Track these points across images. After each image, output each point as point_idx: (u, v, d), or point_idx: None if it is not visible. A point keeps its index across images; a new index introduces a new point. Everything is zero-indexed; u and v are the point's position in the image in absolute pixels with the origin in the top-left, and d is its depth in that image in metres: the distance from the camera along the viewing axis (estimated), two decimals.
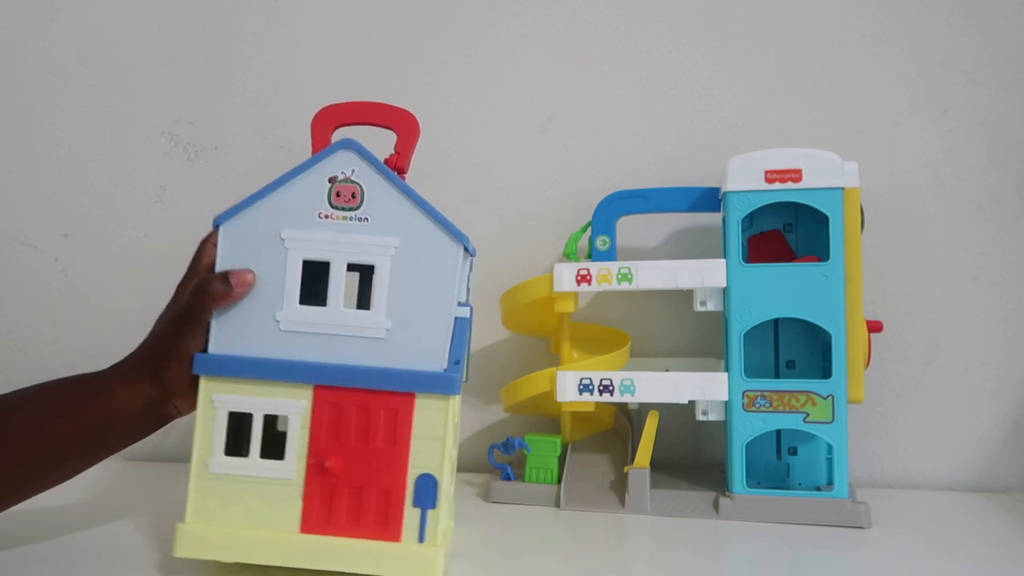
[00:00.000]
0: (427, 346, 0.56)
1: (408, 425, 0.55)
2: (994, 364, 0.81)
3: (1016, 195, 0.80)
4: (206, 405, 0.57)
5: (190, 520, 0.56)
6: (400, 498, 0.55)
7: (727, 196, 0.70)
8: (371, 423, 0.55)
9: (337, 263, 0.57)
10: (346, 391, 0.56)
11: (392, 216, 0.57)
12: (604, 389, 0.73)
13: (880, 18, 0.83)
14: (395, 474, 0.55)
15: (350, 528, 0.55)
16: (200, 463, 0.57)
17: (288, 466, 0.56)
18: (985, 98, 0.81)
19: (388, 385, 0.55)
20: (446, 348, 0.56)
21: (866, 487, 0.79)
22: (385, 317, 0.56)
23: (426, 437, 0.55)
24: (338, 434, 0.56)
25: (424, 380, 0.55)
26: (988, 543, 0.64)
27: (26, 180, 1.04)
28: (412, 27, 0.94)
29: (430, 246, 0.56)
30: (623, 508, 0.72)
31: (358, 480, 0.55)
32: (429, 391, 0.55)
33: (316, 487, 0.56)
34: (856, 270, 0.69)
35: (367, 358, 0.56)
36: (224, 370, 0.57)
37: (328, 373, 0.56)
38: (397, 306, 0.56)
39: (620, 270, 0.73)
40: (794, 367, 0.75)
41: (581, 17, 0.90)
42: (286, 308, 0.57)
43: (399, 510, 0.55)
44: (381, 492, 0.55)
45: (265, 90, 0.97)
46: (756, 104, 0.85)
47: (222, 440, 0.56)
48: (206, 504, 0.56)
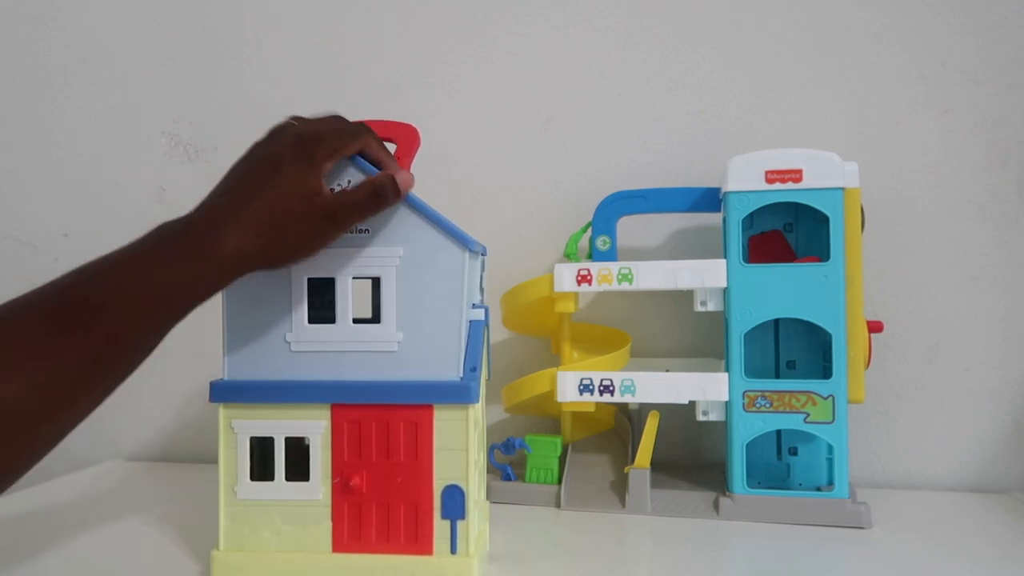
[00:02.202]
0: (441, 356, 0.55)
1: (429, 437, 0.55)
2: (994, 364, 0.81)
3: (1016, 195, 0.80)
4: (227, 432, 0.57)
5: (224, 548, 0.57)
6: (428, 511, 0.55)
7: (727, 196, 0.70)
8: (391, 438, 0.55)
9: (342, 279, 0.56)
10: (363, 408, 0.55)
11: (393, 226, 0.56)
12: (604, 389, 0.73)
13: (880, 18, 0.83)
14: (421, 487, 0.55)
15: (381, 544, 0.55)
16: (228, 490, 0.57)
17: (314, 487, 0.56)
18: (985, 98, 0.81)
19: (405, 399, 0.55)
20: (460, 356, 0.55)
21: (866, 487, 0.79)
22: (396, 329, 0.56)
23: (448, 448, 0.54)
24: (360, 451, 0.55)
25: (440, 390, 0.55)
26: (988, 543, 0.64)
27: (26, 180, 1.04)
28: (412, 27, 0.93)
29: (434, 253, 0.55)
30: (623, 508, 0.72)
31: (384, 496, 0.55)
32: (446, 401, 0.55)
33: (344, 506, 0.56)
34: (856, 270, 0.69)
35: (381, 373, 0.56)
36: (241, 396, 0.57)
37: (343, 391, 0.56)
38: (407, 317, 0.56)
39: (620, 270, 0.73)
40: (794, 367, 0.75)
41: (581, 17, 0.90)
42: (295, 329, 0.57)
43: (428, 523, 0.55)
44: (409, 506, 0.55)
45: (265, 90, 0.97)
46: (756, 104, 0.85)
47: (246, 466, 0.56)
48: (238, 531, 0.57)
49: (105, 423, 1.01)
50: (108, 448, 1.01)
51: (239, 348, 0.57)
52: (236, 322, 0.57)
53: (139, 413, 1.00)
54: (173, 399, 0.99)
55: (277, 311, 0.57)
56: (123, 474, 0.91)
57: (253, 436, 0.56)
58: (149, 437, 1.00)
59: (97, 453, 1.00)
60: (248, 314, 0.57)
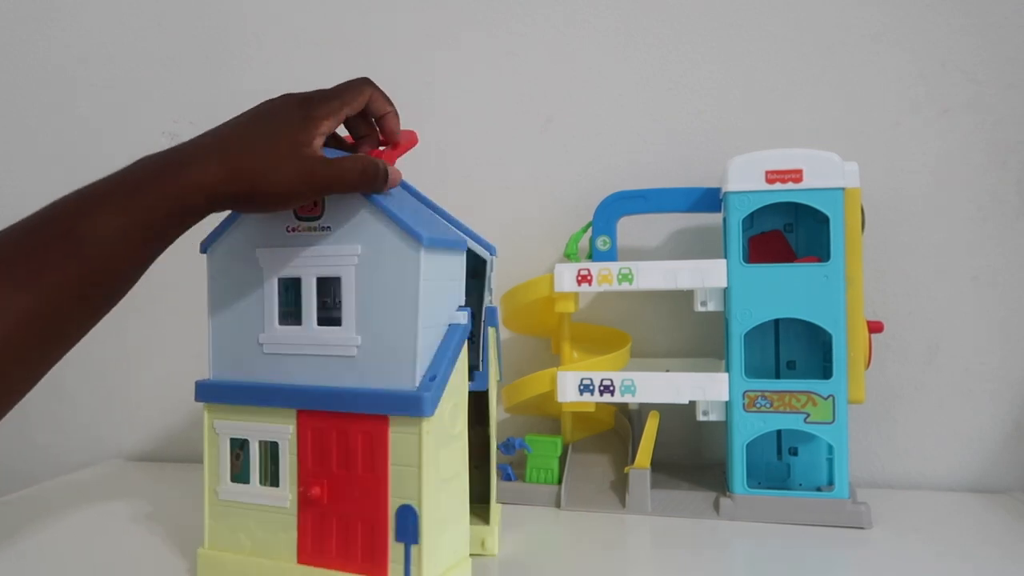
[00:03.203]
0: (397, 363, 0.50)
1: (385, 451, 0.50)
2: (994, 364, 0.81)
3: (1016, 195, 0.80)
4: (210, 432, 0.56)
5: (208, 547, 0.57)
6: (384, 531, 0.50)
7: (728, 196, 0.70)
8: (350, 449, 0.51)
9: (307, 278, 0.53)
10: (325, 415, 0.52)
11: (354, 222, 0.52)
12: (605, 389, 0.73)
13: (880, 18, 0.83)
14: (377, 505, 0.50)
15: (340, 561, 0.51)
16: (211, 490, 0.57)
17: (283, 494, 0.53)
18: (985, 98, 0.81)
19: (361, 407, 0.51)
20: (415, 364, 0.50)
21: (866, 487, 0.79)
22: (355, 333, 0.52)
23: (402, 464, 0.50)
24: (322, 461, 0.52)
25: (395, 401, 0.50)
26: (988, 544, 0.64)
27: (26, 180, 1.04)
28: (412, 27, 0.93)
29: (391, 252, 0.51)
30: (623, 508, 0.72)
31: (344, 509, 0.51)
32: (400, 413, 0.50)
33: (308, 516, 0.53)
34: (856, 270, 0.69)
35: (342, 378, 0.52)
36: (220, 397, 0.56)
37: (307, 396, 0.52)
38: (365, 320, 0.51)
39: (621, 270, 0.73)
40: (794, 367, 0.75)
41: (581, 17, 0.90)
42: (267, 330, 0.55)
43: (384, 544, 0.50)
44: (366, 524, 0.51)
45: (265, 90, 0.97)
46: (756, 104, 0.85)
47: (227, 467, 0.56)
48: (219, 530, 0.56)
49: (103, 423, 1.02)
50: (107, 448, 1.01)
51: (222, 348, 0.56)
52: (219, 321, 0.57)
53: (137, 413, 1.01)
54: (172, 399, 0.99)
55: (254, 311, 0.55)
56: (121, 474, 0.91)
57: (233, 437, 0.56)
58: (147, 437, 1.00)
59: (96, 453, 1.00)
60: (230, 313, 0.56)
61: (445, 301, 0.53)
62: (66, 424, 1.03)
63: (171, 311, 0.96)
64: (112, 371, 1.00)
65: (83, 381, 1.01)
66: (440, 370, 0.51)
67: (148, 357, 1.00)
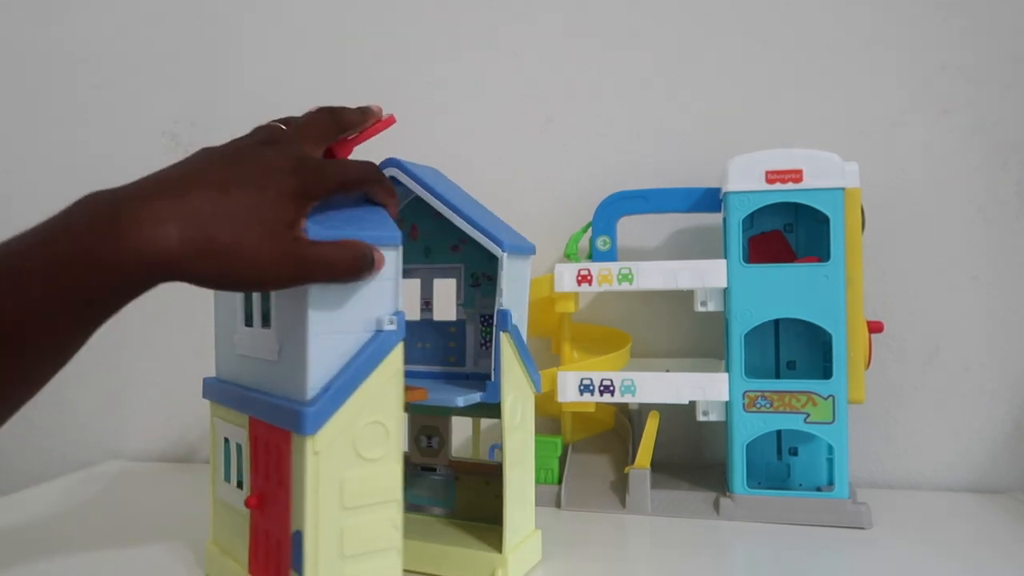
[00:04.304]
0: (295, 371, 0.45)
1: (287, 468, 0.45)
2: (994, 364, 0.81)
3: (1016, 195, 0.80)
4: (213, 429, 0.57)
5: (212, 540, 0.58)
6: (287, 555, 0.45)
7: (728, 196, 0.70)
8: (269, 462, 0.48)
9: None
10: (260, 423, 0.48)
11: None
12: (605, 389, 0.73)
13: (880, 18, 0.83)
14: (283, 526, 0.46)
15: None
16: (213, 485, 0.58)
17: (243, 498, 0.51)
18: (985, 98, 0.81)
19: (270, 418, 0.47)
20: (305, 374, 0.44)
21: (866, 487, 0.79)
22: (275, 334, 0.47)
23: (297, 483, 0.44)
24: (258, 469, 0.49)
25: (286, 415, 0.44)
26: (988, 544, 0.64)
27: (26, 180, 1.04)
28: (412, 27, 0.93)
29: None
30: (623, 508, 0.72)
31: (268, 525, 0.48)
32: (292, 428, 0.44)
33: (252, 525, 0.51)
34: (856, 270, 0.69)
35: (269, 384, 0.48)
36: (213, 395, 0.57)
37: (247, 402, 0.50)
38: (283, 322, 0.47)
39: (621, 270, 0.73)
40: (794, 367, 0.75)
41: (581, 17, 0.90)
42: (237, 330, 0.53)
43: (286, 570, 0.45)
44: (281, 544, 0.46)
45: (265, 90, 0.97)
46: (756, 104, 0.85)
47: (221, 464, 0.57)
48: (219, 526, 0.57)
49: (103, 423, 1.02)
50: (107, 448, 1.01)
51: (222, 346, 0.57)
52: (219, 319, 0.57)
53: (137, 413, 1.01)
54: (172, 399, 0.99)
55: (236, 311, 0.54)
56: (125, 474, 0.91)
57: (225, 436, 0.56)
58: (148, 437, 1.00)
59: (96, 453, 1.00)
60: (225, 311, 0.56)
61: (365, 303, 0.46)
62: (66, 424, 1.03)
63: (171, 311, 0.96)
64: (112, 371, 1.00)
65: (83, 381, 1.01)
66: (336, 383, 0.44)
67: (148, 357, 1.00)
